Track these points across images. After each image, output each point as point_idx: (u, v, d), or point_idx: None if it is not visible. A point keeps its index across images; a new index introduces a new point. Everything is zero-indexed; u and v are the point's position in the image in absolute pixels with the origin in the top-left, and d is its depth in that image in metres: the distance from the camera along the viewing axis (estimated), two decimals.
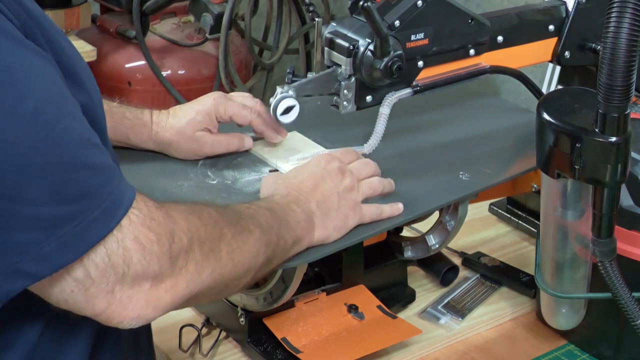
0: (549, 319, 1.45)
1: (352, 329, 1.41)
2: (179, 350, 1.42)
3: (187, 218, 1.05)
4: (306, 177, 1.28)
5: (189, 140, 1.43)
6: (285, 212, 1.21)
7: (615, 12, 1.09)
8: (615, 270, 1.24)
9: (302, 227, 1.22)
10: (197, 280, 1.05)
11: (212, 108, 1.43)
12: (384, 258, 1.52)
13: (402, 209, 1.33)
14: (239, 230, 1.12)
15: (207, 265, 1.06)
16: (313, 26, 1.38)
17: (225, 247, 1.08)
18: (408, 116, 1.59)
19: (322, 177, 1.28)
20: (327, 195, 1.27)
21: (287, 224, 1.20)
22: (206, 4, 3.16)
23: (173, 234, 1.02)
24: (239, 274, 1.12)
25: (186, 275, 1.03)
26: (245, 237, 1.12)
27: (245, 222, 1.14)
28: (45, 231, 0.93)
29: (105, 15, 3.28)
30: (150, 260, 0.99)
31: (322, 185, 1.27)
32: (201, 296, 1.08)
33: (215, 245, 1.07)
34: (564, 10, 1.52)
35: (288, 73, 1.40)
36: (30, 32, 0.98)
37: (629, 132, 1.18)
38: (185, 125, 1.43)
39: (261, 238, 1.14)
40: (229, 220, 1.12)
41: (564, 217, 1.32)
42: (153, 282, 1.00)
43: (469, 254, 1.68)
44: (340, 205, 1.27)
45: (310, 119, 1.37)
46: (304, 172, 1.30)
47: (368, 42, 1.33)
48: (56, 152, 0.93)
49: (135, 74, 3.17)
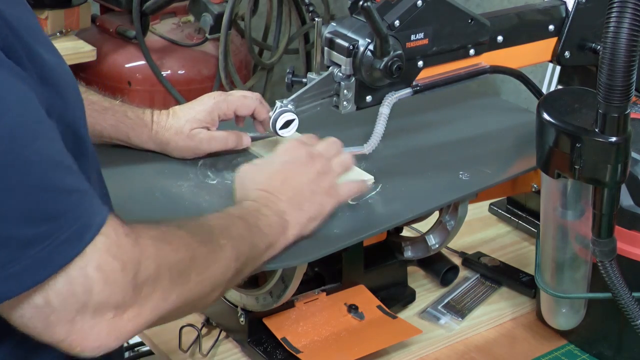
0: (549, 319, 1.45)
1: (352, 329, 1.41)
2: (178, 350, 1.42)
3: (156, 245, 1.02)
4: (274, 172, 1.26)
5: (186, 139, 1.43)
6: (256, 218, 1.19)
7: (615, 12, 1.09)
8: (615, 270, 1.24)
9: (274, 231, 1.20)
10: (162, 307, 1.02)
11: (214, 106, 1.43)
12: (384, 258, 1.52)
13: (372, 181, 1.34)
14: (210, 249, 1.10)
15: (174, 291, 1.03)
16: (313, 26, 1.38)
17: (195, 270, 1.06)
18: (408, 116, 1.59)
19: (291, 169, 1.26)
20: (298, 188, 1.25)
21: (259, 230, 1.18)
22: (206, 4, 3.16)
23: (139, 262, 0.99)
24: (207, 293, 1.10)
25: (151, 303, 1.01)
26: (216, 255, 1.10)
27: (216, 237, 1.12)
28: (12, 251, 0.91)
29: (105, 15, 3.28)
30: (112, 290, 0.96)
31: (291, 178, 1.25)
32: (166, 319, 1.06)
33: (184, 270, 1.05)
34: (564, 10, 1.52)
35: (288, 73, 1.40)
36: (12, 49, 0.96)
37: (629, 132, 1.18)
38: (184, 124, 1.43)
39: (232, 252, 1.12)
40: (201, 240, 1.09)
41: (564, 217, 1.32)
42: (116, 312, 0.97)
43: (469, 254, 1.68)
44: (313, 193, 1.25)
45: (310, 119, 1.37)
46: (272, 166, 1.28)
47: (368, 42, 1.33)
48: (26, 173, 0.91)
49: (135, 74, 3.17)
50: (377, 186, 1.39)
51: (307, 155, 1.28)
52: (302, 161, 1.27)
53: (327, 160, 1.29)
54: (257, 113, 1.44)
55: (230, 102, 1.43)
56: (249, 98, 1.44)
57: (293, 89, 1.39)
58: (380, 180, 1.40)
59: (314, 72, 1.37)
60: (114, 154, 1.46)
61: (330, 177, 1.28)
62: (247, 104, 1.44)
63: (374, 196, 1.37)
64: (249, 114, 1.45)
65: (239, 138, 1.46)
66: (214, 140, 1.44)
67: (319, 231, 1.29)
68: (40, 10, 2.95)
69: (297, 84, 1.40)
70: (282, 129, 1.34)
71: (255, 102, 1.44)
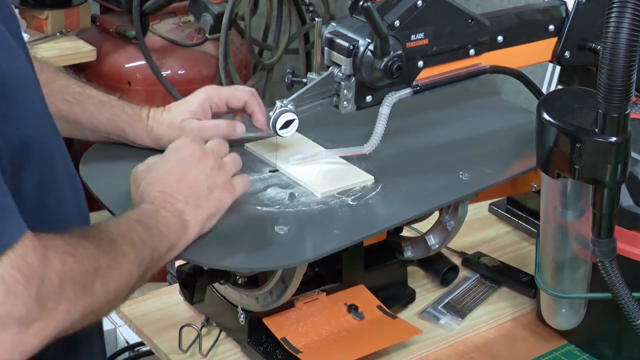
0: (549, 319, 1.45)
1: (352, 329, 1.41)
2: (178, 350, 1.42)
3: (62, 259, 1.02)
4: (169, 171, 1.26)
5: (178, 130, 1.42)
6: (156, 221, 1.19)
7: (615, 12, 1.09)
8: (615, 270, 1.24)
9: (174, 232, 1.20)
10: (67, 319, 1.02)
11: (205, 97, 1.44)
12: (384, 258, 1.52)
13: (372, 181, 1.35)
14: (112, 257, 1.09)
15: (79, 304, 1.03)
16: (313, 26, 1.38)
17: (100, 281, 1.06)
18: (408, 116, 1.59)
19: (186, 166, 1.26)
20: (195, 186, 1.25)
21: (160, 232, 1.18)
22: (206, 4, 3.16)
23: (43, 277, 0.98)
24: (111, 301, 1.10)
25: (56, 317, 1.00)
26: (119, 263, 1.10)
27: (118, 245, 1.11)
28: None
29: (105, 15, 3.27)
30: (15, 303, 0.96)
31: (187, 175, 1.25)
32: (71, 330, 1.05)
33: (89, 281, 1.05)
34: (564, 10, 1.52)
35: (288, 73, 1.40)
36: None
37: (629, 132, 1.18)
38: (177, 117, 1.43)
39: (135, 259, 1.12)
40: (104, 250, 1.09)
41: (564, 217, 1.32)
42: (20, 327, 0.97)
43: (469, 254, 1.68)
44: (210, 190, 1.25)
45: (311, 119, 1.37)
46: (167, 165, 1.27)
47: (368, 42, 1.33)
48: None
49: (135, 74, 3.17)
50: (377, 186, 1.39)
51: (200, 151, 1.28)
52: (196, 158, 1.27)
53: (219, 157, 1.30)
54: (249, 105, 1.44)
55: (221, 94, 1.44)
56: (241, 90, 1.45)
57: (293, 89, 1.39)
58: (380, 180, 1.40)
59: (314, 72, 1.37)
60: (114, 155, 1.46)
61: (224, 173, 1.28)
62: (239, 95, 1.44)
63: (374, 196, 1.37)
64: (240, 105, 1.44)
65: (232, 125, 1.44)
66: (205, 128, 1.43)
67: (319, 231, 1.29)
68: (40, 10, 2.95)
69: (297, 84, 1.40)
70: (282, 129, 1.34)
71: (247, 93, 1.44)
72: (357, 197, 1.36)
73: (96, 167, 1.43)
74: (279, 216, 1.30)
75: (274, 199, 1.35)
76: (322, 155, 1.45)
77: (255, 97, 1.44)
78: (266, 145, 1.48)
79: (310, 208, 1.33)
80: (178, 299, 1.53)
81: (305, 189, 1.38)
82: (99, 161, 1.45)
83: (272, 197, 1.36)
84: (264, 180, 1.41)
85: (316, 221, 1.31)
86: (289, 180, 1.40)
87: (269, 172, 1.43)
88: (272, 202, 1.34)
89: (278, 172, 1.42)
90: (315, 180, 1.39)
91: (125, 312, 1.52)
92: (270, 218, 1.30)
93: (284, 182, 1.40)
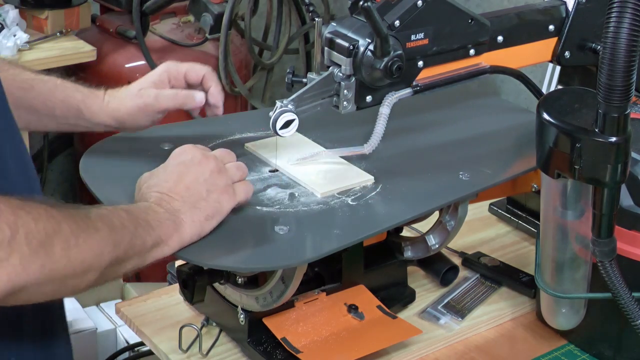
0: (549, 319, 1.45)
1: (352, 329, 1.41)
2: (178, 350, 1.42)
3: (14, 212, 1.01)
4: (168, 174, 1.26)
5: (135, 97, 1.42)
6: (145, 213, 1.19)
7: (615, 12, 1.09)
8: (615, 270, 1.24)
9: (165, 227, 1.19)
10: (21, 274, 1.01)
11: (164, 70, 1.44)
12: (384, 258, 1.52)
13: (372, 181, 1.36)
14: (82, 227, 1.08)
15: (34, 260, 1.02)
16: (313, 26, 1.38)
17: (61, 244, 1.05)
18: (408, 116, 1.59)
19: (185, 169, 1.26)
20: (193, 187, 1.24)
21: (147, 224, 1.17)
22: (206, 4, 3.16)
23: None
24: (77, 272, 1.08)
25: (7, 268, 0.99)
26: (89, 235, 1.08)
27: (92, 220, 1.10)
28: None
29: (105, 15, 3.27)
30: None
31: (185, 177, 1.25)
32: (32, 292, 1.04)
33: (48, 241, 1.03)
34: (564, 10, 1.52)
35: (288, 73, 1.40)
36: None
37: (629, 132, 1.18)
38: (135, 87, 1.44)
39: (109, 237, 1.11)
40: (70, 216, 1.08)
41: (564, 217, 1.32)
42: None
43: (469, 254, 1.68)
44: (209, 192, 1.24)
45: (311, 119, 1.37)
46: (167, 169, 1.27)
47: (368, 42, 1.33)
48: None
49: (135, 74, 3.16)
50: (377, 186, 1.39)
51: (200, 155, 1.27)
52: (196, 161, 1.26)
53: (222, 162, 1.28)
54: (206, 80, 1.44)
55: (180, 67, 1.44)
56: (199, 65, 1.45)
57: (293, 89, 1.39)
58: (380, 180, 1.40)
59: (314, 72, 1.37)
60: (114, 155, 1.46)
61: (225, 176, 1.27)
62: (196, 69, 1.44)
63: (374, 196, 1.37)
64: (198, 79, 1.44)
65: (190, 95, 1.43)
66: (162, 97, 1.42)
67: (319, 231, 1.30)
68: (40, 10, 2.95)
69: (297, 84, 1.40)
70: (282, 129, 1.34)
71: (205, 69, 1.44)
72: (357, 197, 1.36)
73: (96, 167, 1.43)
74: (279, 216, 1.31)
75: (274, 199, 1.35)
76: (322, 155, 1.45)
77: (213, 74, 1.45)
78: (266, 145, 1.48)
79: (310, 208, 1.33)
80: (178, 299, 1.53)
81: (305, 189, 1.38)
82: (99, 161, 1.45)
83: (272, 197, 1.36)
84: (264, 180, 1.41)
85: (316, 221, 1.31)
86: (289, 180, 1.40)
87: (269, 172, 1.43)
88: (272, 202, 1.34)
89: (278, 172, 1.42)
90: (315, 180, 1.39)
91: (125, 312, 1.52)
92: (270, 218, 1.30)
93: (284, 182, 1.40)
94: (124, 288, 2.58)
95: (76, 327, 2.39)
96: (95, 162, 1.44)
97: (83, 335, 2.39)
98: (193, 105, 1.43)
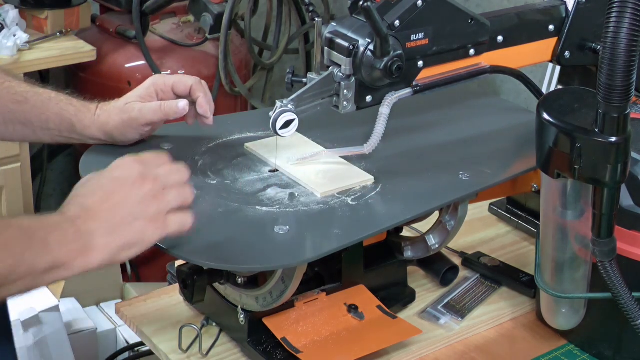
0: (549, 319, 1.45)
1: (352, 329, 1.41)
2: (178, 350, 1.42)
3: None
4: (98, 188, 1.16)
5: (121, 112, 1.42)
6: (47, 232, 1.09)
7: (615, 12, 1.09)
8: (615, 270, 1.24)
9: (68, 251, 1.09)
10: None
11: (151, 83, 1.44)
12: (384, 258, 1.52)
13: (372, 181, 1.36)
14: None
15: None
16: (313, 26, 1.38)
17: None
18: (408, 116, 1.59)
19: (117, 187, 1.15)
20: (117, 210, 1.13)
21: (45, 246, 1.08)
22: (206, 4, 3.16)
23: None
24: None
25: None
26: None
27: None
28: None
29: (105, 15, 3.27)
30: None
31: (113, 196, 1.14)
32: None
33: None
34: (564, 10, 1.52)
35: (288, 73, 1.40)
36: None
37: (629, 132, 1.18)
38: (122, 101, 1.43)
39: None
40: None
41: (564, 217, 1.32)
42: None
43: (469, 254, 1.68)
44: (135, 218, 1.14)
45: (310, 119, 1.37)
46: (100, 180, 1.17)
47: (368, 42, 1.33)
48: None
49: (135, 74, 3.17)
50: (377, 186, 1.39)
51: (138, 175, 1.16)
52: (131, 181, 1.15)
53: (161, 186, 1.17)
54: (194, 91, 1.44)
55: (167, 79, 1.44)
56: (187, 76, 1.45)
57: (293, 89, 1.39)
58: (380, 180, 1.40)
59: (314, 72, 1.37)
60: (114, 155, 1.46)
61: (159, 204, 1.15)
62: (184, 80, 1.44)
63: (374, 196, 1.37)
64: (186, 90, 1.44)
65: (173, 104, 1.42)
66: (147, 109, 1.42)
67: (319, 231, 1.30)
68: (40, 10, 2.95)
69: (297, 84, 1.40)
70: (282, 129, 1.34)
71: (193, 80, 1.44)
72: (357, 197, 1.36)
73: (96, 167, 1.42)
74: (279, 216, 1.31)
75: (274, 199, 1.35)
76: (322, 155, 1.45)
77: (202, 85, 1.45)
78: (266, 145, 1.48)
79: (310, 208, 1.33)
80: (178, 299, 1.53)
81: (305, 189, 1.38)
82: (98, 161, 1.45)
83: (272, 197, 1.36)
84: (264, 180, 1.41)
85: (316, 221, 1.31)
86: (289, 180, 1.40)
87: (269, 172, 1.43)
88: (272, 202, 1.34)
89: (278, 172, 1.42)
90: (315, 180, 1.39)
91: (125, 312, 1.52)
92: (270, 218, 1.30)
93: (284, 182, 1.40)
94: (124, 288, 2.58)
95: (76, 327, 2.39)
96: (95, 162, 1.44)
97: (83, 335, 2.39)
98: (178, 114, 1.42)
